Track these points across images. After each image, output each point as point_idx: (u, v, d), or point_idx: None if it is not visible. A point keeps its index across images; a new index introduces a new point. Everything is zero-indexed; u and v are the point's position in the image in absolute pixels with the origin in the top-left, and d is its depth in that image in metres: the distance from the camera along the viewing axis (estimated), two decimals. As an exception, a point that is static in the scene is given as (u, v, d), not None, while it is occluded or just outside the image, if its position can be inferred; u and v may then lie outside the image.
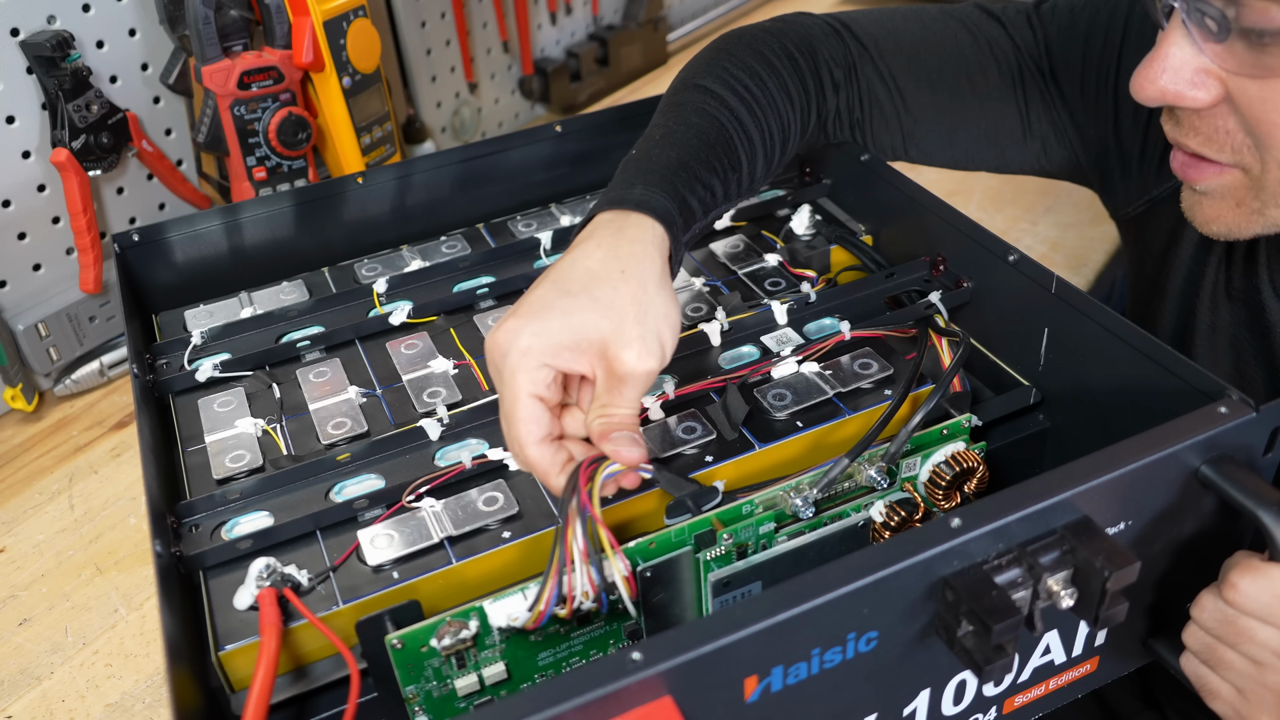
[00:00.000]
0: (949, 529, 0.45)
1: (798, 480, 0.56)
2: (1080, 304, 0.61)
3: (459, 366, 0.69)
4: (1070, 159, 0.77)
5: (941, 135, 0.78)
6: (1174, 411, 0.50)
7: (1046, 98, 0.75)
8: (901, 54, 0.77)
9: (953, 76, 0.76)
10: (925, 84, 0.77)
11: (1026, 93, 0.76)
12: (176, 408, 0.68)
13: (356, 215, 0.81)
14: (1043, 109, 0.76)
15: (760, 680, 0.44)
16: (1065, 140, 0.77)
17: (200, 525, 0.58)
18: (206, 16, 0.88)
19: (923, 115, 0.77)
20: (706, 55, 0.72)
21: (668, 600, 0.55)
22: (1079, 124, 0.75)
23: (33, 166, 0.90)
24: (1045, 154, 0.78)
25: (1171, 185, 0.70)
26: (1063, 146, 0.77)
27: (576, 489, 0.50)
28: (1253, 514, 0.48)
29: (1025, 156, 0.78)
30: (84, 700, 0.70)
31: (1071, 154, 0.77)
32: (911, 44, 0.77)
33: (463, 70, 1.28)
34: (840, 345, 0.67)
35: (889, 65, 0.76)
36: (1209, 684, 0.52)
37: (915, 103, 0.77)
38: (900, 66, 0.77)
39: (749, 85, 0.68)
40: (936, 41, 0.77)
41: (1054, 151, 0.77)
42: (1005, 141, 0.77)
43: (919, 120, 0.77)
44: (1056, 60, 0.75)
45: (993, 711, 0.54)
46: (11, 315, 0.92)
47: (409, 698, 0.52)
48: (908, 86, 0.77)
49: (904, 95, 0.77)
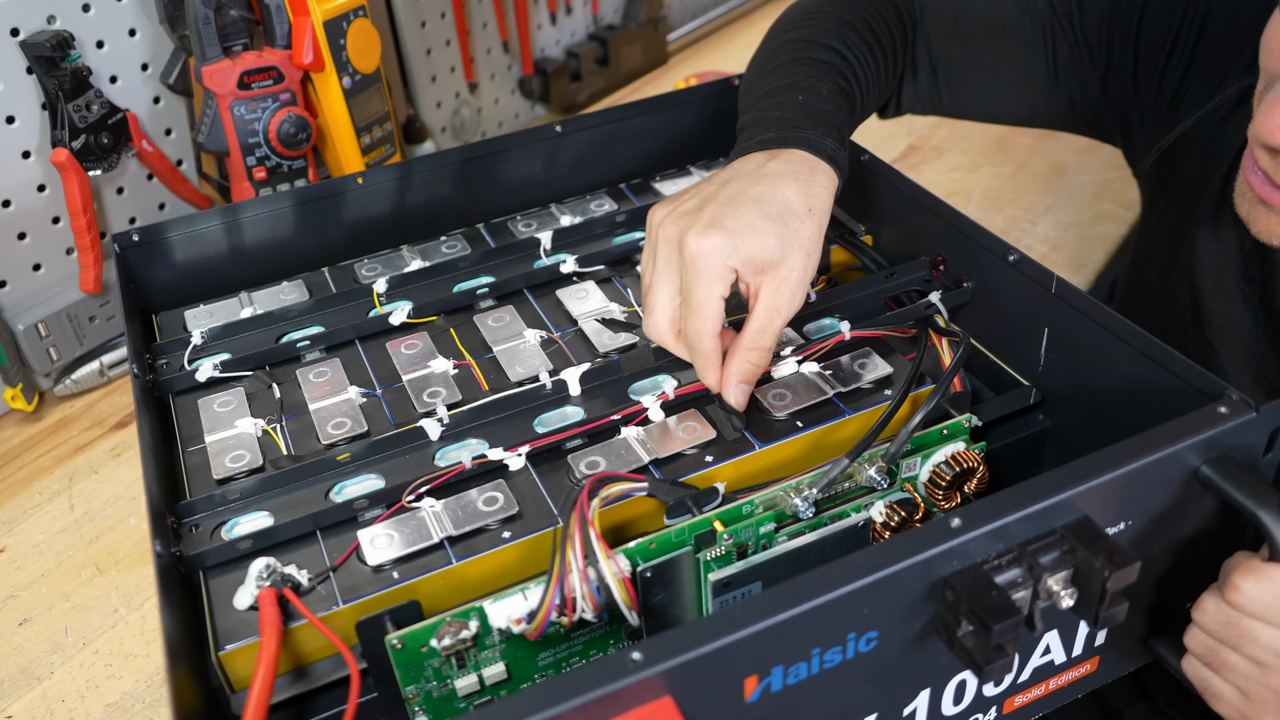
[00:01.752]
0: (949, 529, 0.45)
1: (798, 480, 0.56)
2: (1080, 304, 0.61)
3: (459, 366, 0.69)
4: (1095, 111, 0.81)
5: (974, 85, 0.82)
6: (1174, 411, 0.50)
7: (1075, 50, 0.79)
8: (948, 9, 0.81)
9: (989, 29, 0.80)
10: (961, 35, 0.81)
11: (1056, 45, 0.79)
12: (176, 408, 0.68)
13: (356, 215, 0.81)
14: (1070, 61, 0.79)
15: (760, 680, 0.44)
16: (1090, 93, 0.80)
17: (200, 525, 0.58)
18: (206, 16, 0.88)
19: (958, 66, 0.81)
20: (827, 13, 0.77)
21: (668, 600, 0.55)
22: (1103, 76, 0.78)
23: (33, 166, 0.90)
24: (1072, 106, 0.81)
25: (1176, 134, 0.74)
26: (1088, 99, 0.80)
27: (579, 507, 0.50)
28: (1253, 514, 0.48)
29: (1053, 108, 0.82)
30: (84, 700, 0.70)
31: (1096, 106, 0.80)
32: (958, 2, 0.81)
33: (463, 70, 1.28)
34: (840, 345, 0.67)
35: (933, 15, 0.81)
36: (1212, 686, 0.52)
37: (951, 53, 0.81)
38: (940, 16, 0.81)
39: (868, 55, 0.75)
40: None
41: (1080, 104, 0.81)
42: (1034, 93, 0.81)
43: (953, 71, 0.81)
44: (1086, 12, 0.78)
45: (993, 711, 0.54)
46: (11, 315, 0.92)
47: (409, 698, 0.52)
48: (946, 37, 0.81)
49: (943, 45, 0.81)
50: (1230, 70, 0.71)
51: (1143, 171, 0.81)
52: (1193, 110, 0.73)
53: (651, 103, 0.88)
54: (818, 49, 0.74)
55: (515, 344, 0.70)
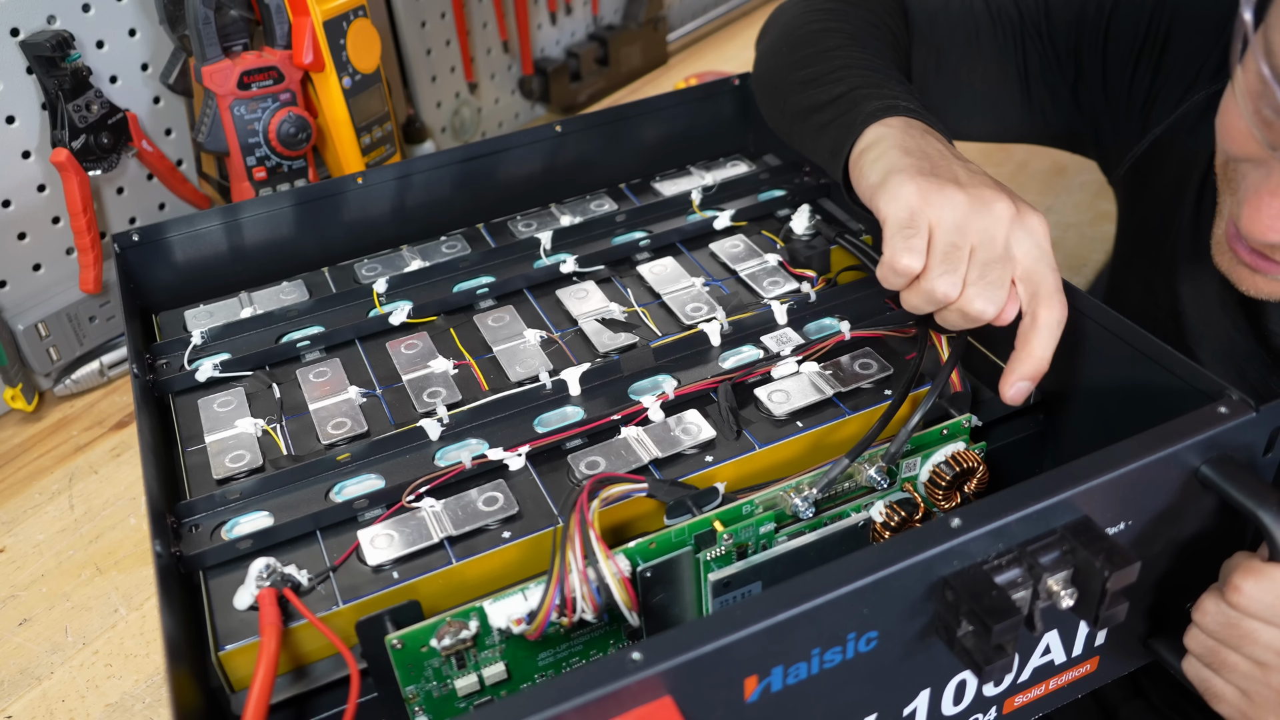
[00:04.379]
0: (949, 529, 0.45)
1: (798, 480, 0.56)
2: (1080, 304, 0.61)
3: (459, 366, 0.69)
4: (1068, 122, 0.80)
5: (946, 100, 0.80)
6: (1174, 411, 0.50)
7: (1045, 60, 0.78)
8: (925, 17, 0.80)
9: (963, 38, 0.79)
10: (937, 45, 0.79)
11: (1027, 56, 0.78)
12: (176, 408, 0.68)
13: (356, 215, 0.81)
14: (1040, 70, 0.78)
15: (760, 680, 0.44)
16: (1062, 102, 0.79)
17: (200, 525, 0.58)
18: (206, 16, 0.88)
19: (933, 75, 0.80)
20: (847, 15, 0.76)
21: (668, 600, 0.55)
22: (1073, 85, 0.78)
23: (33, 166, 0.90)
24: (1044, 117, 0.80)
25: (1148, 140, 0.73)
26: (1060, 109, 0.79)
27: (579, 508, 0.50)
28: (1253, 514, 0.48)
29: (1025, 121, 0.81)
30: (84, 700, 0.70)
31: (1069, 117, 0.79)
32: (934, 8, 0.80)
33: (463, 70, 1.28)
34: (840, 345, 0.67)
35: (913, 23, 0.80)
36: (1213, 687, 0.52)
37: (927, 63, 0.80)
38: (919, 25, 0.80)
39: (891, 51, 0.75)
40: (957, 7, 0.79)
41: (1051, 115, 0.80)
42: (1006, 105, 0.80)
43: (928, 84, 0.80)
44: (1055, 24, 0.77)
45: (993, 711, 0.54)
46: (11, 315, 0.92)
47: (409, 698, 0.52)
48: (924, 46, 0.80)
49: (920, 55, 0.80)
50: (1199, 74, 0.70)
51: (1117, 179, 0.81)
52: (1164, 115, 0.72)
53: (651, 103, 0.88)
54: (867, 35, 0.73)
55: (515, 344, 0.70)
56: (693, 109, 0.89)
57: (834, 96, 0.66)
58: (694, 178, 0.88)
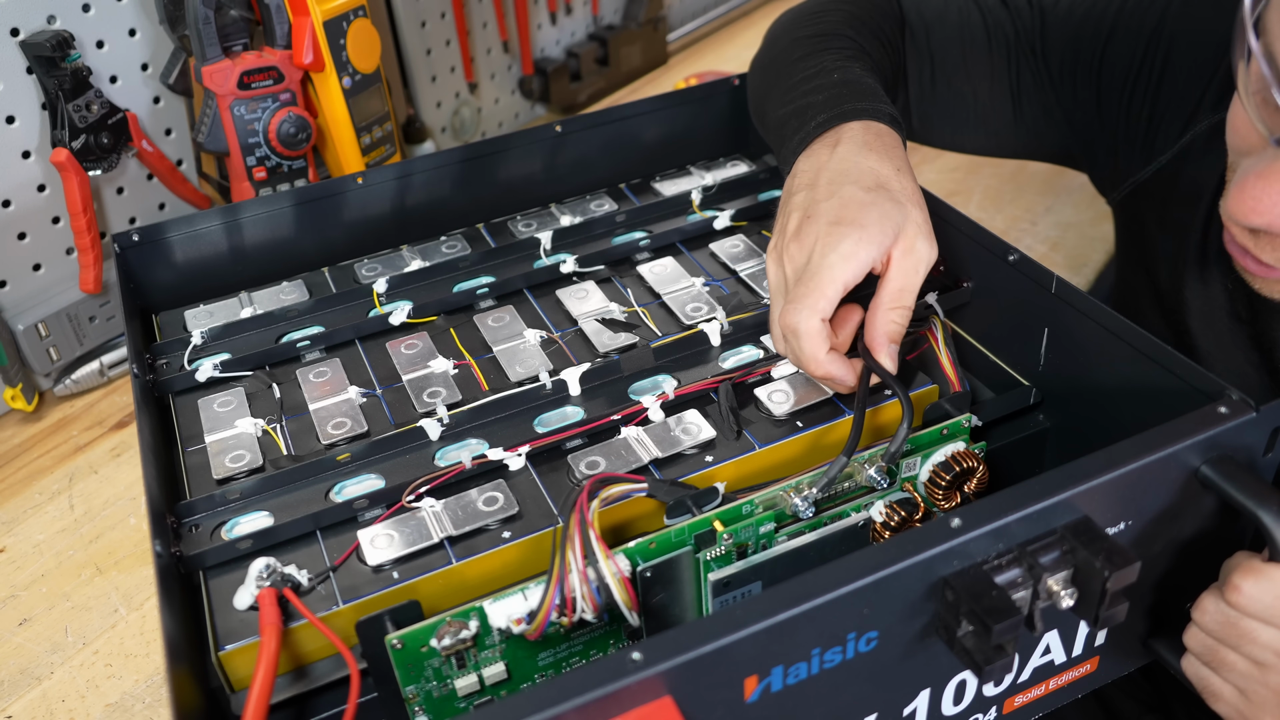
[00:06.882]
0: (949, 529, 0.45)
1: (798, 480, 0.56)
2: (1080, 304, 0.61)
3: (459, 366, 0.69)
4: (1060, 141, 0.80)
5: (939, 110, 0.81)
6: (1174, 411, 0.50)
7: (1039, 79, 0.78)
8: (921, 25, 0.80)
9: (958, 52, 0.79)
10: (932, 54, 0.79)
11: (1020, 73, 0.78)
12: (176, 408, 0.68)
13: (356, 215, 0.81)
14: (1034, 90, 0.78)
15: (760, 680, 0.44)
16: (1055, 122, 0.79)
17: (200, 525, 0.58)
18: (206, 16, 0.88)
19: (927, 85, 0.80)
20: (835, 11, 0.77)
21: (668, 600, 0.55)
22: (1066, 107, 0.78)
23: (33, 166, 0.90)
24: (1036, 136, 0.80)
25: (1151, 170, 0.73)
26: (1052, 129, 0.79)
27: (579, 508, 0.50)
28: (1253, 514, 0.48)
29: (1017, 136, 0.81)
30: (84, 700, 0.70)
31: (1061, 136, 0.79)
32: (930, 19, 0.80)
33: (463, 70, 1.28)
34: (840, 345, 0.67)
35: (910, 31, 0.80)
36: (1211, 686, 0.52)
37: (922, 73, 0.80)
38: (916, 33, 0.80)
39: (881, 51, 0.76)
40: (954, 18, 0.80)
41: (1045, 134, 0.80)
42: (997, 121, 0.80)
43: (922, 92, 0.80)
44: (1050, 42, 0.77)
45: (993, 711, 0.54)
46: (11, 315, 0.92)
47: (409, 698, 0.52)
48: (919, 55, 0.80)
49: (915, 63, 0.80)
50: (1200, 104, 0.70)
51: (1115, 202, 0.80)
52: (1168, 145, 0.72)
53: (651, 103, 0.88)
54: (837, 39, 0.74)
55: (515, 344, 0.70)
56: (693, 109, 0.90)
57: (782, 117, 0.69)
58: (694, 178, 0.88)
